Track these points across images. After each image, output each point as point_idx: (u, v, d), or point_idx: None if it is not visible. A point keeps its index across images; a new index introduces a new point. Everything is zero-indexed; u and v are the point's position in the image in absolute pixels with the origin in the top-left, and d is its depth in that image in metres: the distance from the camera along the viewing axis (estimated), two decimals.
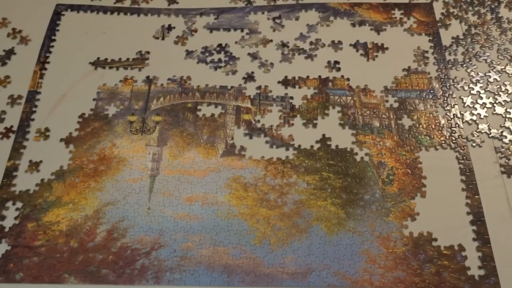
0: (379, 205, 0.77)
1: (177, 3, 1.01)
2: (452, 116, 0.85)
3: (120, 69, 0.92)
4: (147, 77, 0.91)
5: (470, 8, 1.00)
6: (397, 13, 0.99)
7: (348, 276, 0.71)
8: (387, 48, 0.94)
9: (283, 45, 0.95)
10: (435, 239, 0.74)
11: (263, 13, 0.99)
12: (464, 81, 0.90)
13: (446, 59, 0.93)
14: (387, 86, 0.89)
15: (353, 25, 0.97)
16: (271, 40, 0.95)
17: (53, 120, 0.86)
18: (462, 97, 0.88)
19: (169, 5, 1.01)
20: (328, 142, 0.83)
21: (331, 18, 0.98)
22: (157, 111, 0.87)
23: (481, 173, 0.79)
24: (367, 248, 0.73)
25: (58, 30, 0.97)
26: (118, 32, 0.97)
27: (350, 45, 0.95)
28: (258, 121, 0.86)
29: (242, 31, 0.97)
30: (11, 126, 0.85)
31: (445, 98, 0.88)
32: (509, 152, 0.82)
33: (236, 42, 0.95)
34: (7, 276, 0.71)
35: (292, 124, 0.85)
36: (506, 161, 0.81)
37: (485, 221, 0.75)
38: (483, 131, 0.84)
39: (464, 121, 0.85)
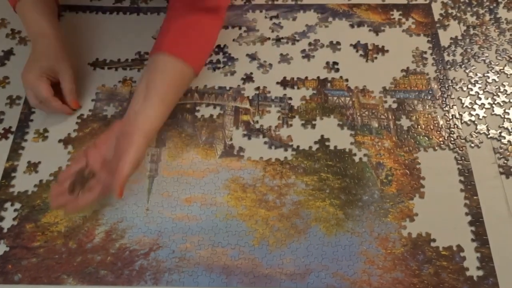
0: (377, 206, 0.77)
1: None
2: (450, 117, 0.86)
3: (119, 69, 0.92)
4: None
5: (469, 8, 1.00)
6: (396, 14, 0.99)
7: (347, 276, 0.71)
8: (387, 51, 0.94)
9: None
10: (434, 240, 0.74)
11: (261, 11, 0.99)
12: (462, 82, 0.90)
13: (445, 59, 0.93)
14: (386, 87, 0.89)
15: (352, 26, 0.97)
16: (269, 38, 0.96)
17: (51, 121, 0.86)
18: (460, 97, 0.88)
19: None
20: (327, 143, 0.83)
21: (330, 19, 0.98)
22: None
23: (479, 174, 0.79)
24: (365, 249, 0.73)
25: None
26: (116, 33, 0.96)
27: (351, 45, 0.95)
28: (257, 122, 0.86)
29: (240, 28, 0.97)
30: (10, 127, 0.85)
31: (444, 99, 0.88)
32: (508, 153, 0.82)
33: (234, 40, 0.95)
34: (5, 277, 0.71)
35: (291, 125, 0.85)
36: (505, 161, 0.81)
37: (484, 222, 0.75)
38: (481, 132, 0.84)
39: (462, 121, 0.85)
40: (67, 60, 0.84)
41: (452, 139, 0.83)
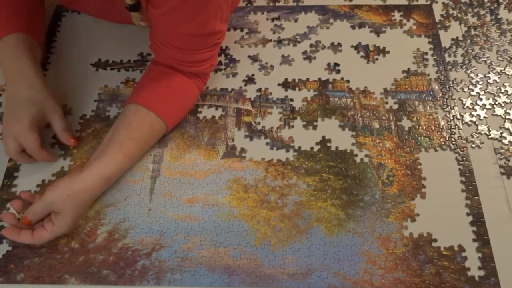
0: (379, 206, 0.77)
1: None
2: (451, 118, 0.86)
3: (121, 70, 0.92)
4: None
5: (470, 9, 1.00)
6: (397, 15, 0.99)
7: (349, 276, 0.71)
8: (388, 52, 0.94)
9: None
10: (435, 240, 0.74)
11: (262, 13, 1.00)
12: (463, 83, 0.90)
13: (446, 60, 0.93)
14: (387, 88, 0.90)
15: (353, 27, 0.98)
16: (270, 40, 0.96)
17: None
18: (461, 98, 0.88)
19: None
20: (328, 144, 0.83)
21: (331, 20, 0.99)
22: None
23: (480, 174, 0.79)
24: (367, 249, 0.73)
25: (59, 31, 0.98)
26: (119, 34, 0.97)
27: (352, 46, 0.95)
28: (259, 123, 0.86)
29: (241, 30, 0.97)
30: None
31: (445, 100, 0.88)
32: (509, 153, 0.82)
33: (235, 42, 0.96)
34: (7, 277, 0.72)
35: (292, 126, 0.86)
36: (506, 162, 0.81)
37: (485, 222, 0.75)
38: (482, 132, 0.84)
39: (463, 122, 0.85)
40: (51, 97, 0.79)
41: (453, 139, 0.83)
